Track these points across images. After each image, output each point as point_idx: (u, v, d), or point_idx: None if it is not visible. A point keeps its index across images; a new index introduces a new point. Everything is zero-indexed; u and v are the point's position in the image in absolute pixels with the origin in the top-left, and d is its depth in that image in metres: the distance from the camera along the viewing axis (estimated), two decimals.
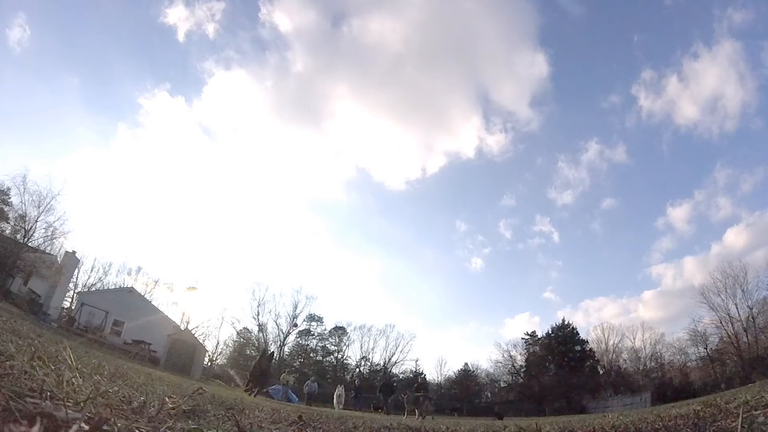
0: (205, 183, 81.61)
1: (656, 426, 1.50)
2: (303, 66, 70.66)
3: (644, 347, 44.47)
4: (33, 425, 0.68)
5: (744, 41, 55.36)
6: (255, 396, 9.12)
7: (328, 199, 77.44)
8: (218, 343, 47.86)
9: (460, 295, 73.34)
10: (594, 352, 47.15)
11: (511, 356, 50.04)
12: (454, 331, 70.14)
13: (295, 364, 47.73)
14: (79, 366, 1.69)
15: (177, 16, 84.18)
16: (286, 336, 50.64)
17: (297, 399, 24.46)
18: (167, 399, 1.39)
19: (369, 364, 52.84)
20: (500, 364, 50.44)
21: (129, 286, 41.29)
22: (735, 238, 56.09)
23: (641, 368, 43.54)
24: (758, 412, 1.18)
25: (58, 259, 30.04)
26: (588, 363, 46.90)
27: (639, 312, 60.17)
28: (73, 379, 1.19)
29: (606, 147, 68.89)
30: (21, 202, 27.29)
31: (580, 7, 67.82)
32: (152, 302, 36.77)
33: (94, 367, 2.32)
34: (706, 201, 63.61)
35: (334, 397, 18.48)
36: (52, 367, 1.31)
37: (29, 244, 26.59)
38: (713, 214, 61.94)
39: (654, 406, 20.87)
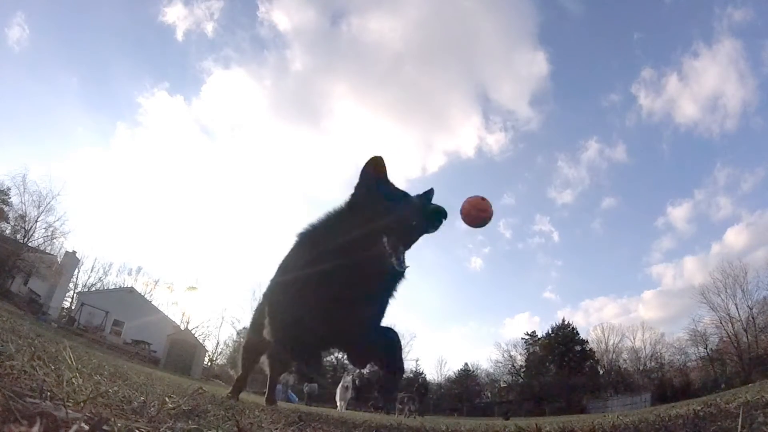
0: (205, 182, 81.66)
1: (656, 426, 1.50)
2: (302, 65, 70.56)
3: (644, 347, 44.52)
4: (33, 425, 0.68)
5: (744, 39, 55.32)
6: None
7: (327, 199, 77.34)
8: (218, 343, 47.83)
9: (460, 295, 73.29)
10: (594, 352, 47.19)
11: (511, 356, 50.09)
12: (454, 331, 70.09)
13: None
14: (79, 366, 1.69)
15: (176, 15, 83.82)
16: None
17: (297, 399, 24.48)
18: (167, 399, 1.39)
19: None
20: (500, 364, 50.50)
21: (129, 286, 41.30)
22: (735, 237, 56.03)
23: (641, 368, 43.56)
24: (758, 411, 1.18)
25: (58, 259, 30.08)
26: (588, 363, 46.94)
27: (639, 312, 60.03)
28: (73, 379, 1.19)
29: (606, 146, 68.75)
30: (21, 202, 27.38)
31: (580, 5, 67.77)
32: (152, 302, 36.82)
33: (94, 367, 2.32)
34: (706, 200, 63.41)
35: (338, 390, 14.41)
36: (52, 367, 1.31)
37: (29, 244, 26.62)
38: (713, 213, 61.88)
39: (654, 406, 20.88)
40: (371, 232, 2.05)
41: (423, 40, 67.89)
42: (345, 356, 2.62)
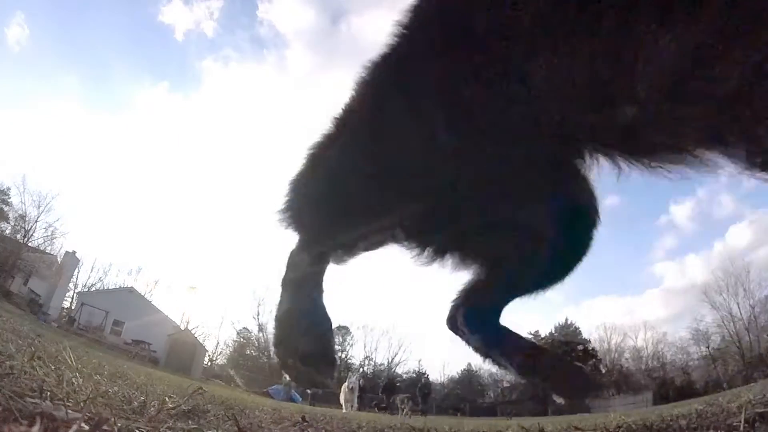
0: (205, 182, 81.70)
1: (660, 426, 1.49)
2: (302, 64, 70.73)
3: (646, 347, 44.53)
4: (33, 425, 0.68)
5: None
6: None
7: None
8: (218, 343, 47.95)
9: None
10: (596, 352, 47.28)
11: None
12: None
13: None
14: (79, 366, 1.69)
15: (175, 15, 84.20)
16: None
17: (300, 399, 24.46)
18: (167, 399, 1.39)
19: (372, 364, 52.94)
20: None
21: (129, 286, 41.38)
22: (738, 235, 56.05)
23: (643, 368, 43.59)
24: (761, 411, 1.18)
25: (58, 259, 30.15)
26: (590, 362, 46.95)
27: (641, 311, 60.16)
28: (73, 379, 1.19)
29: None
30: (21, 202, 27.51)
31: None
32: (152, 302, 36.86)
33: (94, 367, 2.32)
34: (708, 198, 63.44)
35: (342, 391, 13.71)
36: (52, 367, 1.31)
37: (29, 244, 26.70)
38: (716, 211, 61.83)
39: (656, 405, 20.85)
40: None
41: None
42: None
